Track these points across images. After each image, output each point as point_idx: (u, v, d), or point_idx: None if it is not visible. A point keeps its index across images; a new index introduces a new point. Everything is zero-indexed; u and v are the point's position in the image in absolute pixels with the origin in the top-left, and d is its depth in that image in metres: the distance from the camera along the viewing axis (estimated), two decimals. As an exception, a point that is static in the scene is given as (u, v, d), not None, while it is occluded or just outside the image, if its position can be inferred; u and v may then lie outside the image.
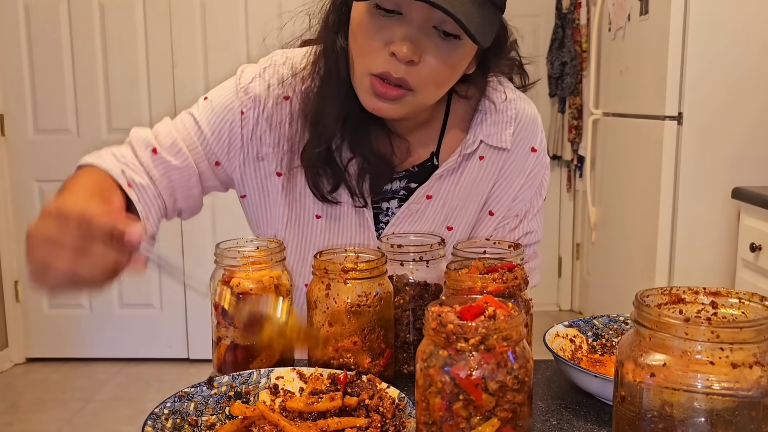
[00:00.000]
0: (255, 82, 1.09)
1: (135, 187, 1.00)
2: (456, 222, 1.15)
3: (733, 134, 2.44)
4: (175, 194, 1.07)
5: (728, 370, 0.60)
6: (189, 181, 1.07)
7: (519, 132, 1.13)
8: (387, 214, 1.14)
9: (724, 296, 0.70)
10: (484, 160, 1.13)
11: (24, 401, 3.12)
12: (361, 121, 1.05)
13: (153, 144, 1.05)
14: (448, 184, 1.12)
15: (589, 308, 3.68)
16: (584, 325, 1.06)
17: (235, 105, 1.08)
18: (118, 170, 0.99)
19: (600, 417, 0.88)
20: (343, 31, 1.02)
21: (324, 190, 1.08)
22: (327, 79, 1.04)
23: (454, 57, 0.96)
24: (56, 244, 0.71)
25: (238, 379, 0.87)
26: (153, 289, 3.50)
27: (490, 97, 1.12)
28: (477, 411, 0.65)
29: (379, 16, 0.93)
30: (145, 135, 1.06)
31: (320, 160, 1.06)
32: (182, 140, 1.06)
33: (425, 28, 0.92)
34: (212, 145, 1.08)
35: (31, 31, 3.33)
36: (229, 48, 3.34)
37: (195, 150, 1.07)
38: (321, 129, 1.05)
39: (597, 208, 3.36)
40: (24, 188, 3.43)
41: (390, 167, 1.09)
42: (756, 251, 2.20)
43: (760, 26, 2.39)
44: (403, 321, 0.99)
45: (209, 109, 1.08)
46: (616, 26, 3.02)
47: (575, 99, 3.76)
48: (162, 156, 1.04)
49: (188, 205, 1.11)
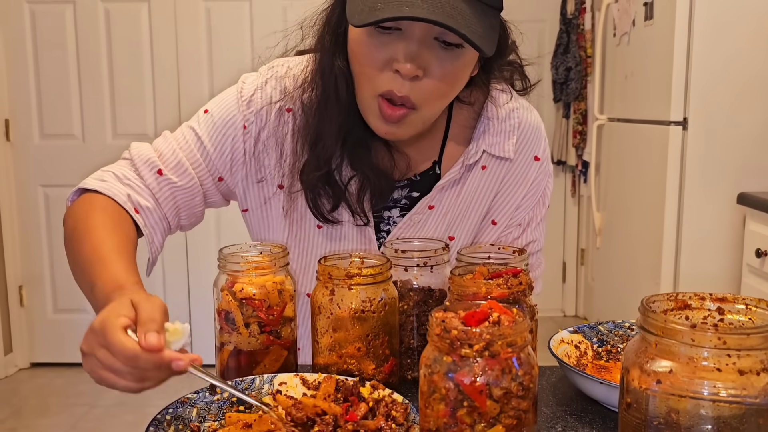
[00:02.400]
0: (257, 95, 1.08)
1: (141, 211, 1.00)
2: (458, 232, 1.14)
3: (738, 139, 2.43)
4: (179, 214, 1.07)
5: (735, 377, 0.59)
6: (193, 200, 1.07)
7: (522, 141, 1.13)
8: (388, 223, 1.13)
9: (730, 302, 0.69)
10: (487, 170, 1.12)
11: (28, 406, 3.12)
12: (362, 138, 1.04)
13: (158, 165, 1.04)
14: (451, 195, 1.12)
15: (593, 314, 3.66)
16: (589, 331, 1.05)
17: (238, 119, 1.07)
18: (125, 196, 0.99)
19: (605, 424, 0.88)
20: (340, 52, 1.01)
21: (324, 210, 1.07)
22: (325, 101, 1.03)
23: (458, 65, 0.95)
24: (115, 371, 0.74)
25: (241, 385, 0.87)
26: (157, 295, 3.50)
27: (493, 102, 1.12)
28: (481, 418, 0.64)
29: (378, 34, 0.92)
30: (148, 154, 1.04)
31: (320, 180, 1.05)
32: (186, 158, 1.05)
33: (426, 41, 0.91)
34: (215, 161, 1.07)
35: (37, 36, 3.35)
36: (234, 55, 3.35)
37: (198, 167, 1.06)
38: (320, 150, 1.04)
39: (602, 214, 3.35)
40: (29, 193, 3.44)
41: (390, 183, 1.09)
42: (762, 257, 2.19)
43: (766, 31, 2.38)
44: (407, 327, 0.99)
45: (210, 123, 1.07)
46: (621, 31, 3.02)
47: (580, 104, 3.76)
48: (167, 177, 1.04)
49: (190, 222, 1.11)
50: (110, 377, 0.74)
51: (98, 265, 0.89)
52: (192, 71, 3.37)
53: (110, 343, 0.72)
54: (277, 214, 1.12)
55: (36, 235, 3.45)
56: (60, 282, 3.49)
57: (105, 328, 0.73)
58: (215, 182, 1.08)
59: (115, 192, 0.99)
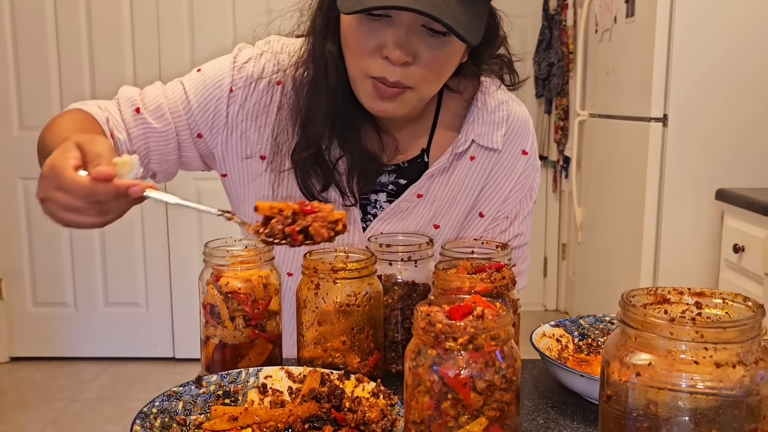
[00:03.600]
0: (250, 63, 1.10)
1: (114, 140, 1.03)
2: (443, 220, 1.15)
3: (717, 136, 2.47)
4: (150, 156, 1.09)
5: (712, 370, 0.61)
6: (167, 146, 1.09)
7: (510, 134, 1.14)
8: (375, 207, 1.14)
9: (708, 297, 0.71)
10: (475, 161, 1.14)
11: (7, 401, 3.10)
12: (351, 120, 1.05)
13: (137, 103, 1.07)
14: (439, 183, 1.13)
15: (574, 308, 3.70)
16: (570, 325, 1.07)
17: (226, 81, 1.09)
18: (103, 117, 1.03)
19: (586, 416, 0.89)
20: (331, 36, 1.02)
21: (314, 190, 1.09)
22: (316, 83, 1.04)
23: (446, 52, 0.97)
24: (75, 210, 0.76)
25: (226, 378, 0.87)
26: (139, 288, 3.48)
27: (483, 91, 1.13)
28: (465, 410, 0.65)
29: (368, 20, 0.93)
30: (132, 94, 1.09)
31: (310, 160, 1.07)
32: (167, 106, 1.08)
33: (414, 28, 0.93)
34: (196, 117, 1.09)
35: (16, 27, 3.30)
36: (216, 46, 3.30)
37: (179, 118, 1.08)
38: (310, 132, 1.06)
39: (583, 209, 3.38)
40: (8, 186, 3.39)
41: (378, 165, 1.10)
42: (739, 252, 2.22)
43: (745, 29, 2.42)
44: (391, 320, 1.00)
45: (200, 80, 1.10)
46: (603, 28, 3.04)
47: (562, 100, 3.78)
48: (144, 117, 1.06)
49: (162, 168, 1.12)
50: (72, 217, 0.76)
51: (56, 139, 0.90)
52: (174, 63, 3.34)
53: (64, 183, 0.74)
54: (258, 182, 1.12)
55: (15, 228, 3.41)
56: (40, 275, 3.45)
57: (55, 169, 0.75)
58: (193, 138, 1.10)
59: (96, 112, 1.03)
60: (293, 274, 1.15)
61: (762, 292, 2.08)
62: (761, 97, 2.44)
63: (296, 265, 1.15)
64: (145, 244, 3.43)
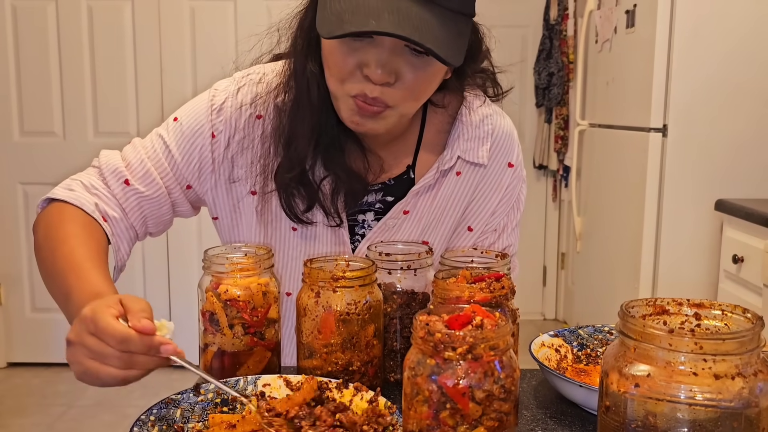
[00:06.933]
0: (228, 103, 1.08)
1: (109, 220, 1.02)
2: (431, 236, 1.15)
3: (716, 147, 2.47)
4: (147, 222, 1.08)
5: (711, 381, 0.61)
6: (161, 209, 1.08)
7: (495, 147, 1.14)
8: (363, 227, 1.14)
9: (707, 308, 0.71)
10: (461, 176, 1.13)
11: (5, 406, 3.09)
12: (335, 139, 1.05)
13: (125, 174, 1.04)
14: (425, 200, 1.13)
15: (573, 318, 3.70)
16: (569, 335, 1.07)
17: (206, 128, 1.07)
18: (92, 205, 1.00)
19: (585, 427, 0.89)
20: (312, 55, 1.02)
21: (298, 210, 1.08)
22: (298, 103, 1.04)
23: (429, 71, 0.96)
24: (102, 357, 0.74)
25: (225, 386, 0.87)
26: (137, 295, 3.46)
27: (467, 106, 1.13)
28: (464, 420, 0.65)
29: (351, 41, 0.93)
30: (116, 163, 1.05)
31: (293, 180, 1.06)
32: (154, 168, 1.06)
33: (397, 48, 0.92)
34: (183, 170, 1.08)
35: (18, 32, 3.31)
36: (217, 53, 3.33)
37: (166, 176, 1.07)
38: (293, 152, 1.05)
39: (582, 218, 3.38)
40: (8, 191, 3.40)
41: (363, 185, 1.09)
42: (738, 263, 2.22)
43: (745, 40, 2.43)
44: (390, 329, 1.00)
45: (179, 132, 1.08)
46: (603, 38, 3.05)
47: (562, 109, 3.79)
48: (135, 187, 1.05)
49: (158, 229, 1.12)
50: (94, 366, 0.74)
51: (72, 275, 0.89)
52: (175, 70, 3.35)
53: (100, 327, 0.73)
54: (249, 220, 1.12)
55: (15, 234, 3.41)
56: (38, 281, 3.41)
57: (96, 314, 0.74)
58: (183, 190, 1.09)
59: (83, 201, 1.00)
60: (291, 294, 1.15)
61: (761, 304, 2.08)
62: (761, 107, 2.45)
63: (295, 284, 1.14)
64: (145, 251, 3.43)
